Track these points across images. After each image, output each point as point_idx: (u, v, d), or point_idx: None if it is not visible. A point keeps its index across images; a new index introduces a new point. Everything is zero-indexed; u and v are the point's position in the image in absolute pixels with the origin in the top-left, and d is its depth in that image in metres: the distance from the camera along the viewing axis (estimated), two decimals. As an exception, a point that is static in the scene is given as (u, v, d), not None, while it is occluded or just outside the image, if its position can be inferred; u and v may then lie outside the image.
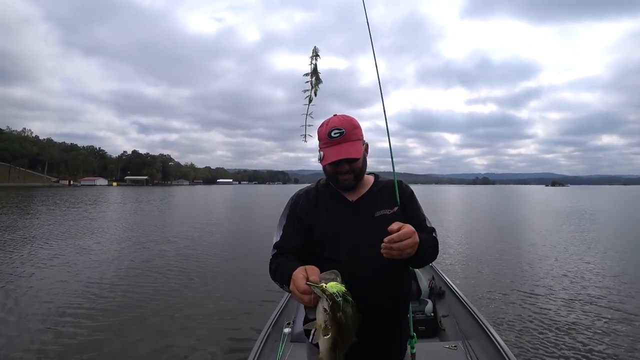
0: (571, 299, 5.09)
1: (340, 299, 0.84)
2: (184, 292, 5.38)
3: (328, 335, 0.84)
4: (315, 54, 1.33)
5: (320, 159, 1.20)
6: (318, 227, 1.17)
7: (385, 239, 0.98)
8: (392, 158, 1.30)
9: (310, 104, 1.34)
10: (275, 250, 1.19)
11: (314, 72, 1.33)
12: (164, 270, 6.63)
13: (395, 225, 1.00)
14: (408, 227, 0.99)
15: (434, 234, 1.22)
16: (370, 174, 1.32)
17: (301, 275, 0.89)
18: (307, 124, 1.33)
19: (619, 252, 8.42)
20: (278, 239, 1.21)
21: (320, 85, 1.36)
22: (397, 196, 1.22)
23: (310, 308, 0.88)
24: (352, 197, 1.22)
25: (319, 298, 0.85)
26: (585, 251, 8.62)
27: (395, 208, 1.20)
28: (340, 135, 1.15)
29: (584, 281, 5.99)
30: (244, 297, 5.09)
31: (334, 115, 1.23)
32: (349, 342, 0.88)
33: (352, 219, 1.18)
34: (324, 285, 0.86)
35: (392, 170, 1.28)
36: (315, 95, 1.34)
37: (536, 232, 12.07)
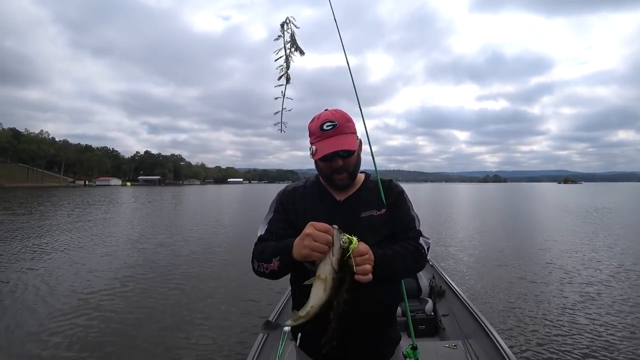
0: (573, 299, 4.99)
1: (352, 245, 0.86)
2: (185, 290, 5.47)
3: (329, 288, 0.82)
4: (287, 22, 1.16)
5: (313, 154, 1.12)
6: (302, 226, 1.06)
7: None
8: (372, 156, 1.24)
9: (287, 83, 1.16)
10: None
11: (293, 41, 1.15)
12: (167, 269, 6.75)
13: None
14: (362, 246, 0.94)
15: (419, 241, 1.15)
16: (361, 172, 1.25)
17: (317, 223, 0.91)
18: (283, 108, 1.16)
19: (629, 253, 8.13)
20: (263, 232, 1.17)
21: (294, 57, 1.15)
22: (382, 197, 1.17)
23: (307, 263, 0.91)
24: (340, 197, 1.18)
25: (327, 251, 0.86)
26: (592, 250, 8.41)
27: (383, 210, 1.16)
28: (333, 127, 1.10)
29: (588, 281, 5.85)
30: (244, 296, 5.14)
31: (325, 110, 1.17)
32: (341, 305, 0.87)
33: (337, 219, 1.08)
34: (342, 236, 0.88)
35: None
36: (288, 67, 1.16)
37: (542, 231, 11.83)
